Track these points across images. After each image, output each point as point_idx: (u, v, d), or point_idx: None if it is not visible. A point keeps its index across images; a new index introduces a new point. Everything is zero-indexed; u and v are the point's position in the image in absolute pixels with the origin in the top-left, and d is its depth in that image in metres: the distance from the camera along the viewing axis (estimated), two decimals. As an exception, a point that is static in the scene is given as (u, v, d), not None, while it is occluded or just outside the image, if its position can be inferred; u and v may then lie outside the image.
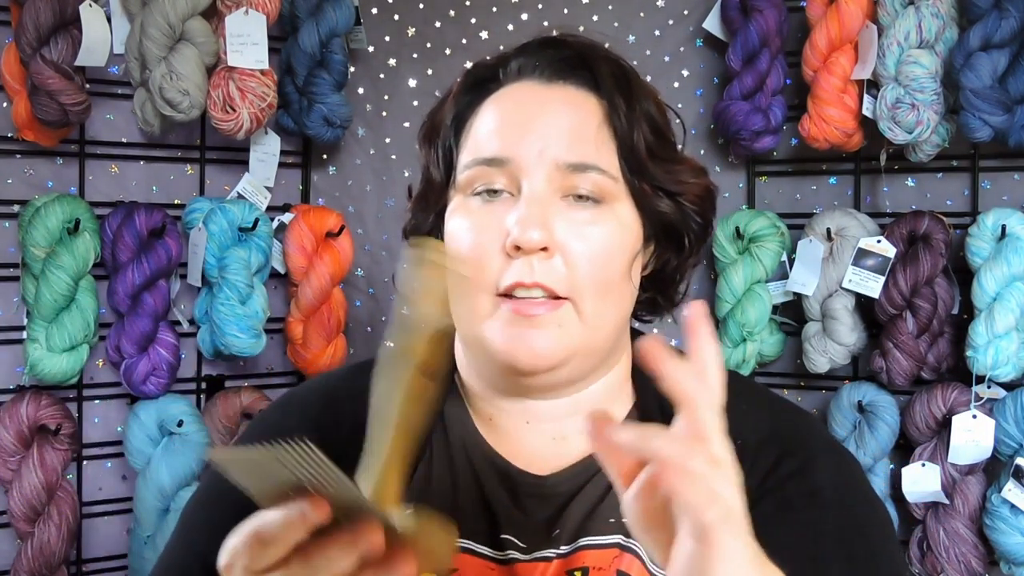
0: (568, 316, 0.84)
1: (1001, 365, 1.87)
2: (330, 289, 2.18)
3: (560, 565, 0.86)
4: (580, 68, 0.88)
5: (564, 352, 0.84)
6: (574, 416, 0.90)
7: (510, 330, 0.83)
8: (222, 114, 2.03)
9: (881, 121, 1.94)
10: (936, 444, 1.96)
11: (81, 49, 1.90)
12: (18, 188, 2.03)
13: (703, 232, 0.92)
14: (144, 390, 2.02)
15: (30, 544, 1.90)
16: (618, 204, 0.86)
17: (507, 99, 0.88)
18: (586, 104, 0.87)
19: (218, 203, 2.11)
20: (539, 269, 0.82)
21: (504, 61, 0.90)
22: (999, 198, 2.05)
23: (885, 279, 1.98)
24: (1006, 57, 1.88)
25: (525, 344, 0.83)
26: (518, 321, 0.82)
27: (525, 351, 0.83)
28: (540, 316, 0.82)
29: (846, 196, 2.18)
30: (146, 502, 2.00)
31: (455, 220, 0.87)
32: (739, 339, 2.08)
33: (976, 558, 1.93)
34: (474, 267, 0.84)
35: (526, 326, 0.82)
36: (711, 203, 0.93)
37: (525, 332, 0.82)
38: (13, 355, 2.01)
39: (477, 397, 0.93)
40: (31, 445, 1.91)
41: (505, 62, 0.90)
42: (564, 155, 0.84)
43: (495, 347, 0.84)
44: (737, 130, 2.08)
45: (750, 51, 2.07)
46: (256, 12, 2.03)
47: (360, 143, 2.43)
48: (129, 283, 2.00)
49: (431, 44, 2.40)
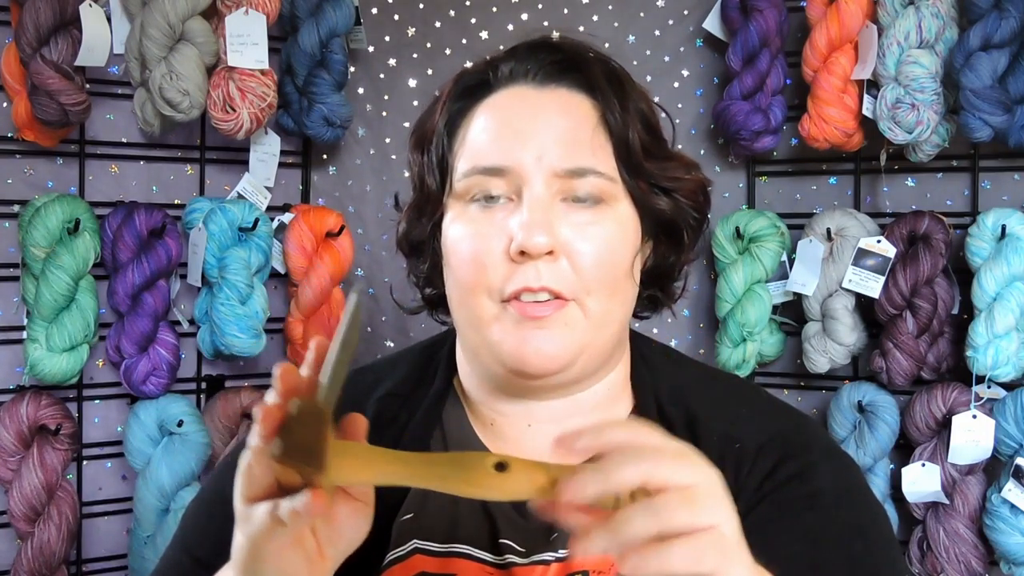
0: (575, 315, 0.84)
1: (1001, 365, 1.87)
2: (330, 289, 2.18)
3: (560, 569, 0.86)
4: (572, 70, 0.88)
5: (572, 352, 0.84)
6: (576, 417, 0.90)
7: (518, 333, 0.83)
8: (222, 114, 2.03)
9: (881, 121, 1.94)
10: (936, 444, 1.96)
11: (81, 49, 1.90)
12: (18, 188, 2.03)
13: (700, 225, 0.93)
14: (144, 390, 2.02)
15: (30, 544, 1.90)
16: (617, 204, 0.86)
17: (501, 105, 0.88)
18: (580, 107, 0.87)
19: (218, 203, 2.11)
20: (545, 272, 0.82)
21: (494, 65, 0.90)
22: (999, 198, 2.04)
23: (885, 279, 1.98)
24: (1006, 57, 1.88)
25: (533, 347, 0.83)
26: (525, 323, 0.83)
27: (533, 353, 0.83)
28: (547, 317, 0.82)
29: (846, 196, 2.18)
30: (146, 502, 2.00)
31: (456, 228, 0.87)
32: (739, 339, 2.08)
33: (976, 558, 1.93)
34: (478, 273, 0.84)
35: (533, 328, 0.83)
36: (706, 197, 0.94)
37: (533, 334, 0.83)
38: (13, 355, 2.01)
39: (477, 402, 0.93)
40: (31, 445, 1.92)
41: (495, 66, 0.90)
42: (562, 161, 0.84)
43: (503, 350, 0.84)
44: (737, 130, 2.07)
45: (750, 51, 2.07)
46: (256, 12, 2.03)
47: (360, 143, 2.43)
48: (129, 283, 2.00)
49: (431, 44, 2.40)
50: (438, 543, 0.88)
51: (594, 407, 0.91)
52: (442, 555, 0.88)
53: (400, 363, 1.00)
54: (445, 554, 0.88)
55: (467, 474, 0.63)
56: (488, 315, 0.84)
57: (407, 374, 0.97)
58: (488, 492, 0.63)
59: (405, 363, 0.99)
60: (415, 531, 0.88)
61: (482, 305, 0.84)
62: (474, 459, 0.63)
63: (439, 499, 0.87)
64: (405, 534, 0.88)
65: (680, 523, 0.59)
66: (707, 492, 0.61)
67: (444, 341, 0.99)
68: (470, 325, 0.87)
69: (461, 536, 0.88)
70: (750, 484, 0.86)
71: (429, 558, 0.87)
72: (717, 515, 0.60)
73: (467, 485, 0.63)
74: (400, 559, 0.88)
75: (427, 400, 0.94)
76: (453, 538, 0.88)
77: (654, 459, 0.61)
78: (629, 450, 0.61)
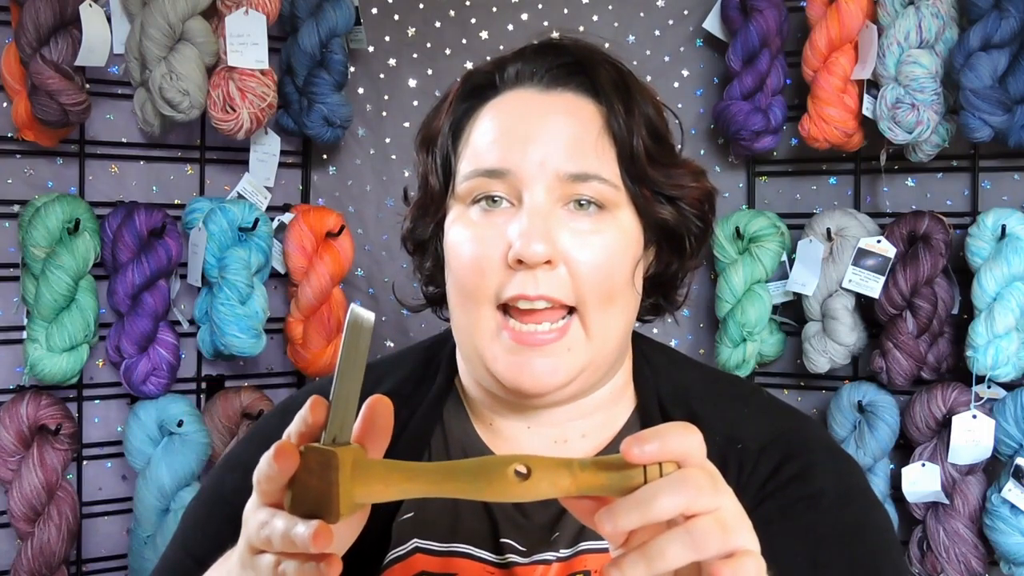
0: (576, 337, 0.83)
1: (1001, 365, 1.87)
2: (330, 289, 2.18)
3: (560, 568, 0.86)
4: (578, 74, 0.87)
5: (571, 374, 0.84)
6: (576, 420, 0.90)
7: (512, 357, 0.83)
8: (222, 114, 2.03)
9: (881, 121, 1.94)
10: (936, 444, 1.96)
11: (81, 49, 1.90)
12: (18, 188, 2.03)
13: (703, 234, 0.92)
14: (144, 390, 2.02)
15: (30, 544, 1.90)
16: (619, 211, 0.85)
17: (506, 107, 0.87)
18: (585, 111, 0.86)
19: (218, 203, 2.11)
20: (543, 281, 0.82)
21: (501, 67, 0.89)
22: (999, 198, 2.04)
23: (885, 279, 1.98)
24: (1006, 57, 1.88)
25: (528, 372, 0.82)
26: (520, 350, 0.82)
27: (528, 377, 0.83)
28: (545, 345, 0.82)
29: (846, 196, 2.18)
30: (146, 502, 2.00)
31: (455, 230, 0.87)
32: (739, 339, 2.08)
33: (976, 558, 1.93)
34: (476, 278, 0.84)
35: (528, 354, 0.82)
36: (711, 205, 0.93)
37: (528, 361, 0.82)
38: (13, 355, 2.01)
39: (477, 402, 0.93)
40: (31, 445, 1.91)
41: (502, 68, 0.89)
42: (565, 165, 0.83)
43: (497, 371, 0.84)
44: (737, 130, 2.07)
45: (750, 51, 2.07)
46: (256, 12, 2.03)
47: (360, 143, 2.43)
48: (129, 283, 2.00)
49: (431, 44, 2.40)
50: (439, 542, 0.88)
51: (595, 410, 0.91)
52: (443, 554, 0.88)
53: (402, 362, 1.00)
54: (446, 553, 0.88)
55: (488, 485, 0.61)
56: (485, 326, 0.84)
57: (408, 373, 0.97)
58: (510, 499, 0.62)
59: (407, 362, 0.99)
60: (416, 530, 0.88)
61: (480, 315, 0.84)
62: (494, 466, 0.62)
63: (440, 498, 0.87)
64: (406, 534, 0.88)
65: (715, 550, 0.59)
66: (735, 514, 0.61)
67: (446, 341, 0.99)
68: (467, 333, 0.86)
69: (462, 535, 0.88)
70: (752, 484, 0.86)
71: (430, 557, 0.87)
72: (747, 537, 0.61)
73: (488, 495, 0.62)
74: (401, 558, 0.88)
75: (428, 399, 0.94)
76: (454, 537, 0.88)
77: (694, 491, 0.60)
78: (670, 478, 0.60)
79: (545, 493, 0.62)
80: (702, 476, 0.60)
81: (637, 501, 0.59)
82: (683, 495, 0.59)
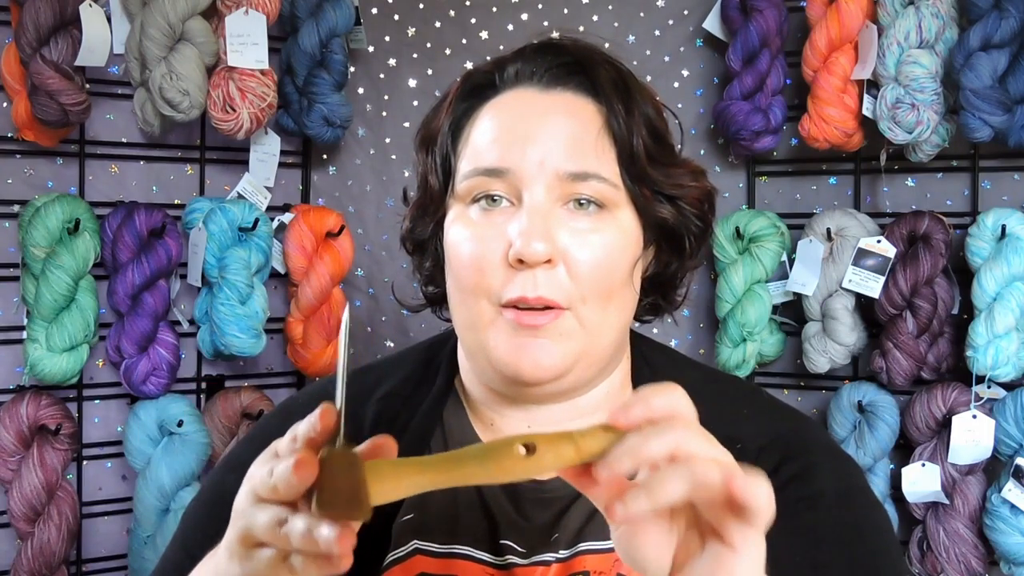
0: (570, 325, 0.83)
1: (1001, 365, 1.87)
2: (330, 289, 2.18)
3: (560, 569, 0.86)
4: (578, 74, 0.88)
5: (567, 361, 0.84)
6: (576, 421, 0.90)
7: (513, 341, 0.83)
8: (222, 114, 2.03)
9: (881, 121, 1.94)
10: (936, 444, 1.96)
11: (81, 49, 1.90)
12: (18, 188, 2.03)
13: (703, 234, 0.92)
14: (144, 390, 2.02)
15: (30, 544, 1.90)
16: (618, 210, 0.85)
17: (505, 107, 0.87)
18: (585, 111, 0.86)
19: (218, 203, 2.11)
20: (542, 281, 0.82)
21: (501, 66, 0.89)
22: (999, 198, 2.04)
23: (885, 279, 1.98)
24: (1006, 57, 1.88)
25: (528, 355, 0.82)
26: (521, 331, 0.82)
27: (528, 362, 0.83)
28: (543, 326, 0.82)
29: (846, 196, 2.18)
30: (146, 502, 2.00)
31: (455, 230, 0.87)
32: (739, 339, 2.08)
33: (976, 558, 1.93)
34: (476, 277, 0.84)
35: (529, 336, 0.82)
36: (711, 205, 0.93)
37: (528, 343, 0.82)
38: (13, 355, 2.01)
39: (478, 402, 0.93)
40: (31, 445, 1.92)
41: (502, 67, 0.89)
42: (564, 165, 0.83)
43: (498, 357, 0.84)
44: (737, 130, 2.07)
45: (750, 51, 2.07)
46: (256, 12, 2.03)
47: (360, 143, 2.43)
48: (129, 283, 2.00)
49: (431, 44, 2.40)
50: (438, 543, 0.88)
51: (594, 410, 0.91)
52: (443, 556, 0.88)
53: (402, 363, 1.00)
54: (446, 555, 0.88)
55: (497, 465, 0.63)
56: (485, 319, 0.84)
57: (408, 374, 0.97)
58: (520, 476, 0.63)
59: (407, 363, 0.99)
60: (415, 532, 0.88)
61: (480, 308, 0.84)
62: (501, 447, 0.63)
63: (439, 499, 0.87)
64: (405, 535, 0.88)
65: (716, 481, 0.59)
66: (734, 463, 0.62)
67: (446, 341, 0.99)
68: (468, 327, 0.87)
69: (461, 537, 0.88)
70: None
71: (430, 559, 0.88)
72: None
73: (498, 475, 0.63)
74: (400, 560, 0.88)
75: (428, 400, 0.94)
76: (453, 538, 0.88)
77: (682, 433, 0.61)
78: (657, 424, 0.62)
79: (552, 464, 0.63)
80: (692, 424, 0.63)
81: (628, 445, 0.61)
82: (671, 434, 0.61)
